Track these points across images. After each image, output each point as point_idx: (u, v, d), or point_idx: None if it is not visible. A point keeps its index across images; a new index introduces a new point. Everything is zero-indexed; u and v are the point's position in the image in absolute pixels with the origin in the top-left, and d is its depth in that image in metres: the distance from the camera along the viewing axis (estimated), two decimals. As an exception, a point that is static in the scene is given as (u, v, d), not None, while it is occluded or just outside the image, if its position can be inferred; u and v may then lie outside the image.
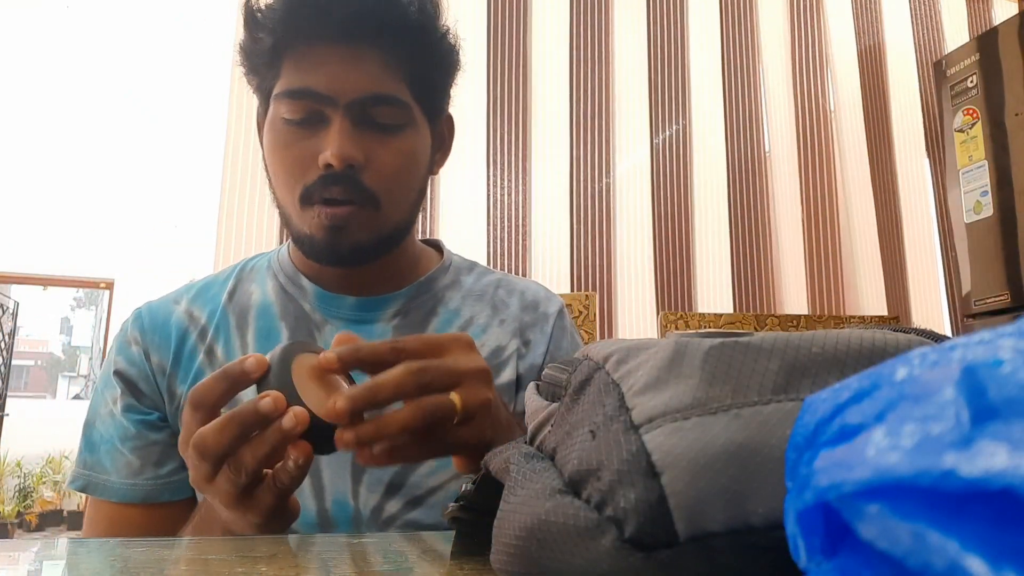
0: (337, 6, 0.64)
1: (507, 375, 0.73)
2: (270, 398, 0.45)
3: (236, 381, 0.47)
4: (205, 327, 0.73)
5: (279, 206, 0.70)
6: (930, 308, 2.56)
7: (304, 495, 0.64)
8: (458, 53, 0.73)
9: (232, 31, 2.01)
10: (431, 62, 0.70)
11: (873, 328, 0.28)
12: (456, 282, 0.78)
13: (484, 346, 0.73)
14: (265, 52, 0.67)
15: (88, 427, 0.72)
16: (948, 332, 2.53)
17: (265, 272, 0.77)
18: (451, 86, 0.74)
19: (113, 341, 0.75)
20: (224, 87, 1.99)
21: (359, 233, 0.67)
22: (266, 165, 0.71)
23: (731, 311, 2.35)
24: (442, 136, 0.77)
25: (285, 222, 0.70)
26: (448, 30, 0.71)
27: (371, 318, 0.72)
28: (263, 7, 0.67)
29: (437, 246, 0.83)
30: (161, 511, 0.69)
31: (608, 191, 2.31)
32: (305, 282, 0.74)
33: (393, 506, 0.65)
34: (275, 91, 0.67)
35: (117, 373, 0.71)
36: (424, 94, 0.70)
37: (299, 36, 0.65)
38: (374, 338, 0.69)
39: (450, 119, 0.78)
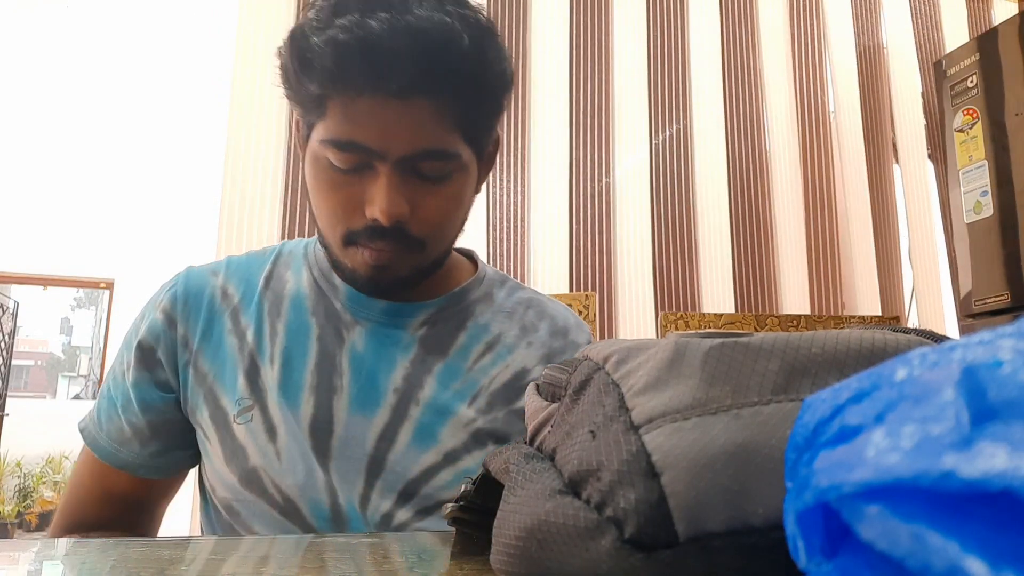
0: (390, 61, 0.59)
1: (522, 401, 0.71)
2: None
3: None
4: (238, 308, 0.72)
5: (319, 230, 0.70)
6: (932, 308, 2.56)
7: (317, 490, 0.65)
8: (511, 81, 0.69)
9: (233, 32, 2.01)
10: (486, 106, 0.67)
11: (873, 328, 0.28)
12: (488, 296, 0.77)
13: (509, 366, 0.72)
14: (311, 95, 0.63)
15: (104, 380, 0.75)
16: (951, 332, 2.54)
17: (302, 260, 0.76)
18: (502, 113, 0.71)
19: (147, 304, 0.75)
20: (225, 87, 1.99)
21: (401, 270, 0.67)
22: (308, 191, 0.70)
23: (732, 311, 2.35)
24: (490, 157, 0.75)
25: (323, 246, 0.70)
26: (506, 68, 0.67)
27: (399, 324, 0.72)
28: (311, 46, 0.61)
29: (470, 255, 0.83)
30: (141, 483, 0.72)
31: (608, 191, 2.31)
32: (338, 281, 0.73)
33: (404, 514, 0.65)
34: (321, 135, 0.64)
35: (141, 338, 0.72)
36: (476, 136, 0.67)
37: (348, 87, 0.61)
38: (400, 345, 0.70)
39: (496, 137, 0.75)
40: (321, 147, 0.64)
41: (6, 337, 5.50)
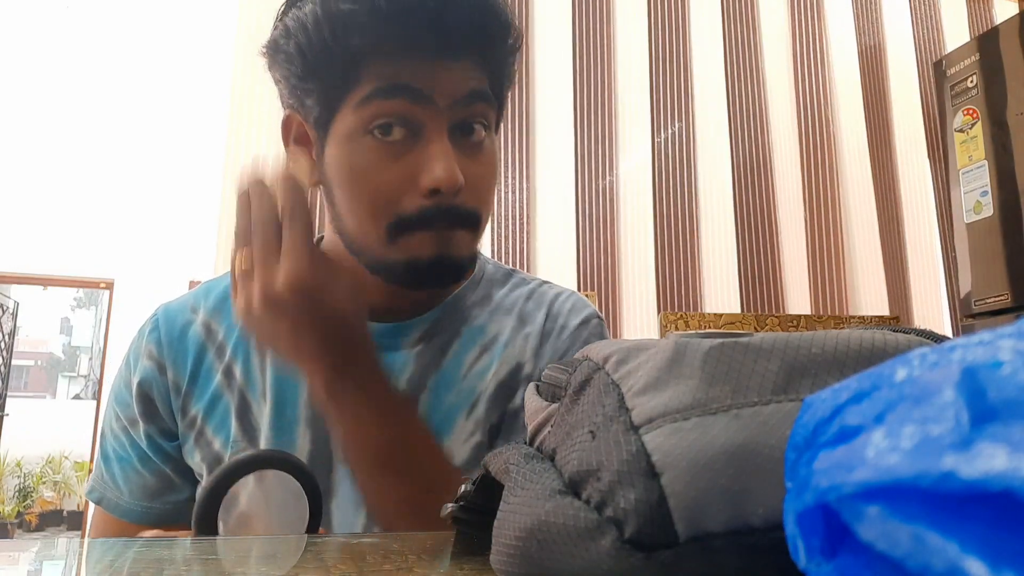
0: (427, 11, 0.57)
1: (519, 397, 0.66)
2: None
3: None
4: (223, 344, 0.68)
5: (347, 233, 0.62)
6: (932, 308, 2.56)
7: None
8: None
9: (234, 31, 2.01)
10: (507, 71, 0.65)
11: (873, 329, 0.28)
12: (487, 297, 0.71)
13: (504, 363, 0.67)
14: (346, 57, 0.58)
15: (103, 438, 0.70)
16: (949, 332, 2.54)
17: None
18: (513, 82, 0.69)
19: (128, 351, 0.71)
20: (225, 88, 1.99)
21: (462, 252, 0.61)
22: (328, 186, 0.62)
23: (737, 311, 2.35)
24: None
25: (354, 252, 0.63)
26: (520, 36, 0.66)
27: (394, 345, 0.66)
28: (343, 7, 0.58)
29: None
30: (174, 531, 0.67)
31: (612, 188, 2.31)
32: None
33: None
34: (356, 98, 0.58)
35: (136, 392, 0.67)
36: (499, 103, 0.65)
37: (391, 40, 0.57)
38: (396, 367, 0.66)
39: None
40: (358, 115, 0.58)
41: (6, 337, 5.51)
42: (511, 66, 0.66)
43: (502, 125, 2.22)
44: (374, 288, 0.65)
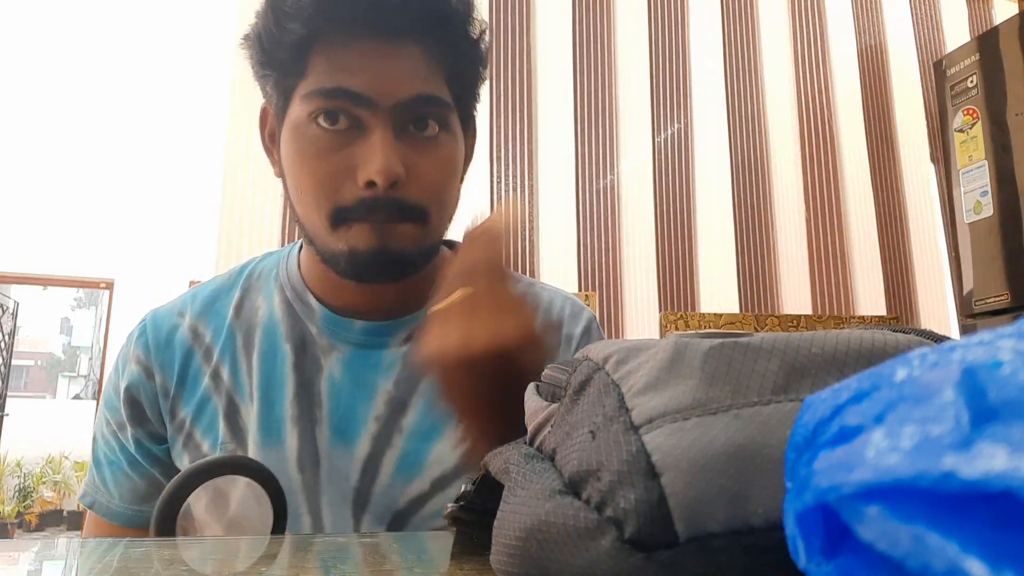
0: (379, 1, 0.57)
1: None
2: None
3: None
4: (210, 347, 0.67)
5: (300, 221, 0.62)
6: (937, 308, 2.56)
7: (303, 528, 0.62)
8: (486, 53, 0.67)
9: (234, 30, 2.01)
10: (469, 61, 0.64)
11: (873, 328, 0.28)
12: None
13: None
14: (292, 44, 0.58)
15: (95, 443, 0.71)
16: (956, 333, 2.54)
17: (272, 282, 0.70)
18: (481, 84, 0.68)
19: (118, 357, 0.71)
20: (226, 86, 1.99)
21: (406, 245, 0.60)
22: (283, 172, 0.64)
23: (736, 311, 2.35)
24: (470, 143, 0.70)
25: (308, 239, 0.63)
26: (484, 26, 0.65)
27: (381, 343, 0.66)
28: None
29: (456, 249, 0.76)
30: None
31: (612, 188, 2.31)
32: (313, 301, 0.67)
33: None
34: (303, 90, 0.59)
35: (123, 397, 0.68)
36: (462, 96, 0.64)
37: (334, 28, 0.58)
38: (381, 366, 0.65)
39: (474, 123, 0.71)
40: (303, 105, 0.59)
41: (6, 337, 5.51)
42: (476, 59, 0.65)
43: (502, 126, 2.23)
44: (354, 285, 0.64)
